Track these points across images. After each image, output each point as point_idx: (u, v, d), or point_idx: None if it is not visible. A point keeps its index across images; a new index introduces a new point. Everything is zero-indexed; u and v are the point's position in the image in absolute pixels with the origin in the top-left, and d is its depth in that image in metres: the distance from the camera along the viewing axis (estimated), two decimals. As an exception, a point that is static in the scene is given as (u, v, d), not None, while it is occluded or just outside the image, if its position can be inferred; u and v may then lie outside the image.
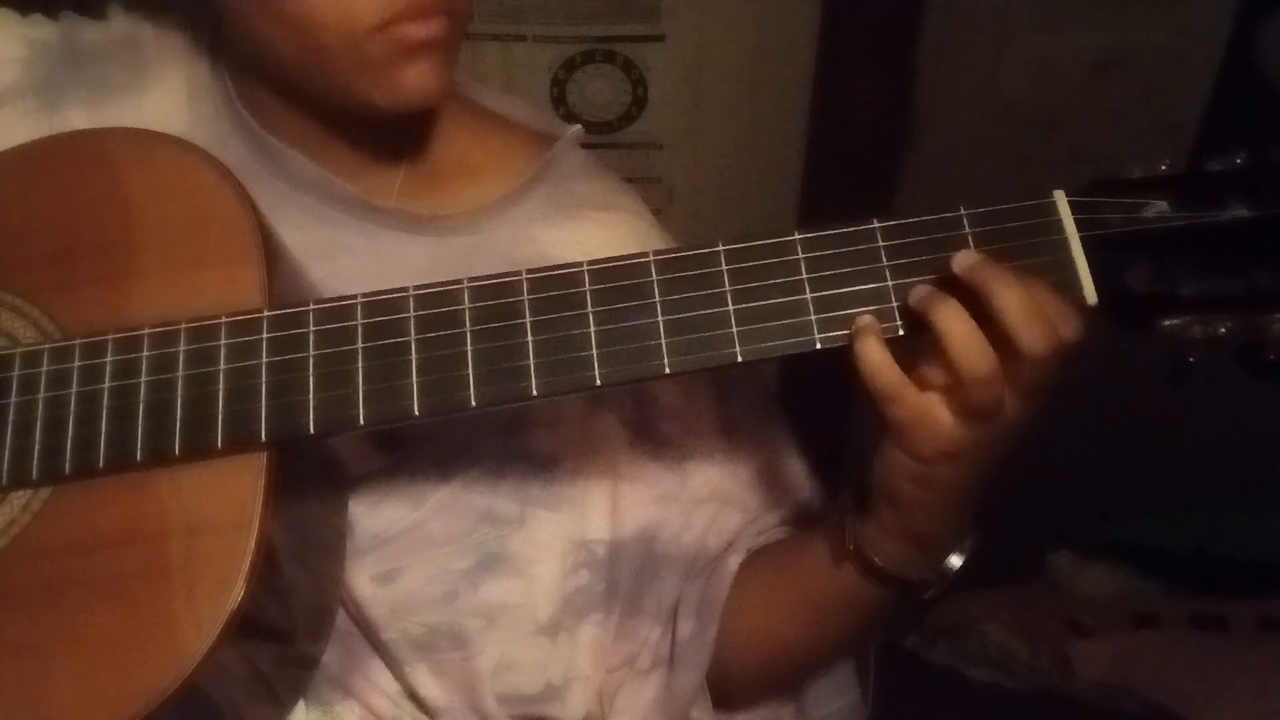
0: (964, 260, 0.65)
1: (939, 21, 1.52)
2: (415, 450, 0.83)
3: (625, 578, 0.88)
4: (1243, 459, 1.76)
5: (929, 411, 0.68)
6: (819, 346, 0.66)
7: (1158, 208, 0.63)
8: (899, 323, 0.66)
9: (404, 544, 0.83)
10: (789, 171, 1.67)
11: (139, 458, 0.68)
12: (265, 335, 0.69)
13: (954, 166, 1.63)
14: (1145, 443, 1.81)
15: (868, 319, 0.66)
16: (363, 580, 0.83)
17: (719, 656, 0.89)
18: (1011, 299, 0.63)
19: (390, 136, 0.84)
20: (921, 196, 1.63)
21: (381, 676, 0.87)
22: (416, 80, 0.76)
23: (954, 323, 0.64)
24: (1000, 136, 1.61)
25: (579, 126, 0.92)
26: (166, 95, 0.87)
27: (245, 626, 0.66)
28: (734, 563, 0.90)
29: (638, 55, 1.59)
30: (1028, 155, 1.62)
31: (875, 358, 0.66)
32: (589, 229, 0.89)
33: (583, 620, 0.88)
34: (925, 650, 1.87)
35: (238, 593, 0.64)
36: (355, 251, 0.83)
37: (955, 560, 0.77)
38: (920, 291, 0.66)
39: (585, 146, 0.95)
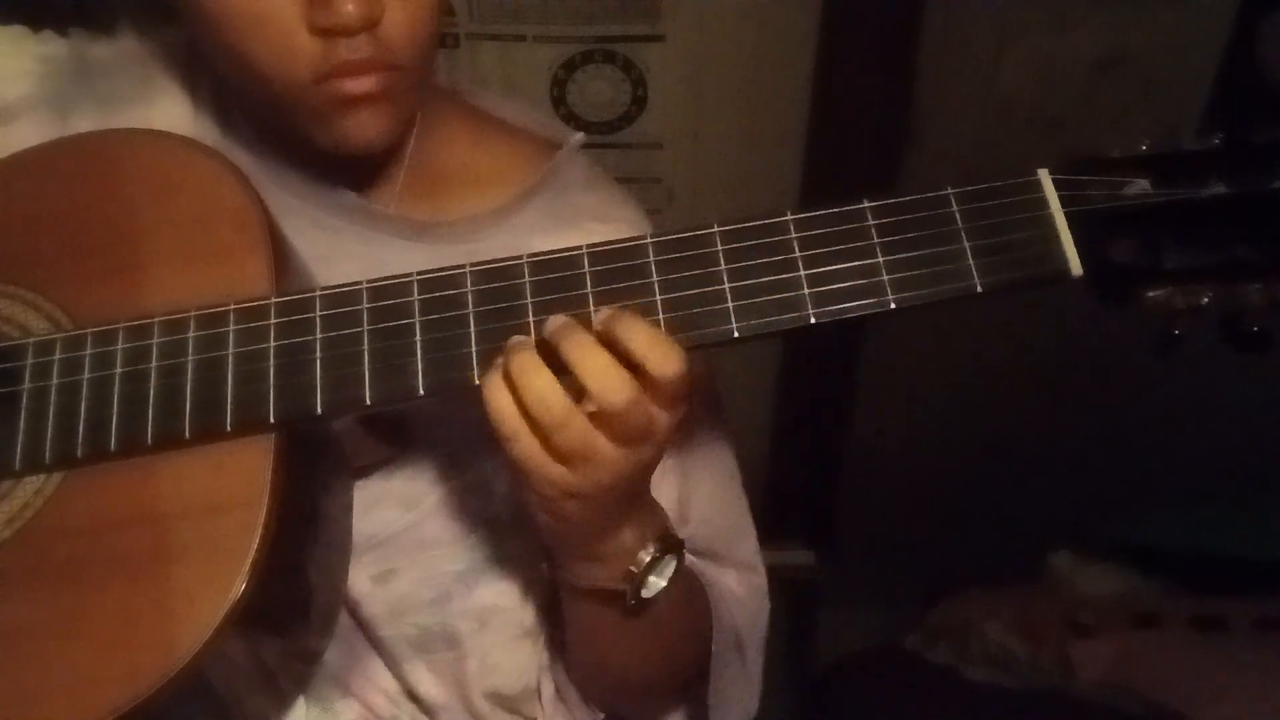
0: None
1: (939, 21, 1.53)
2: (412, 455, 0.83)
3: None
4: (1243, 459, 1.76)
5: (530, 457, 0.67)
6: (813, 321, 0.67)
7: (1139, 185, 0.64)
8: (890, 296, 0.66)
9: (398, 545, 0.84)
10: (789, 171, 1.68)
11: (150, 441, 0.69)
12: (273, 320, 0.70)
13: (954, 166, 1.63)
14: (1145, 443, 1.81)
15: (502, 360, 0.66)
16: (361, 578, 0.83)
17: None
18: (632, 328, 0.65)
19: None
20: (921, 196, 1.63)
21: (381, 675, 0.87)
22: (356, 130, 0.76)
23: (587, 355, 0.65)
24: (1000, 136, 1.61)
25: (581, 135, 0.92)
26: (172, 107, 0.88)
27: (253, 614, 0.66)
28: None
29: (638, 55, 1.59)
30: (1028, 155, 1.61)
31: (496, 402, 0.66)
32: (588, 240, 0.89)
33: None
34: (925, 650, 1.88)
35: (249, 567, 0.65)
36: (355, 258, 0.83)
37: (644, 559, 0.75)
38: (554, 323, 0.67)
39: (585, 147, 0.95)
